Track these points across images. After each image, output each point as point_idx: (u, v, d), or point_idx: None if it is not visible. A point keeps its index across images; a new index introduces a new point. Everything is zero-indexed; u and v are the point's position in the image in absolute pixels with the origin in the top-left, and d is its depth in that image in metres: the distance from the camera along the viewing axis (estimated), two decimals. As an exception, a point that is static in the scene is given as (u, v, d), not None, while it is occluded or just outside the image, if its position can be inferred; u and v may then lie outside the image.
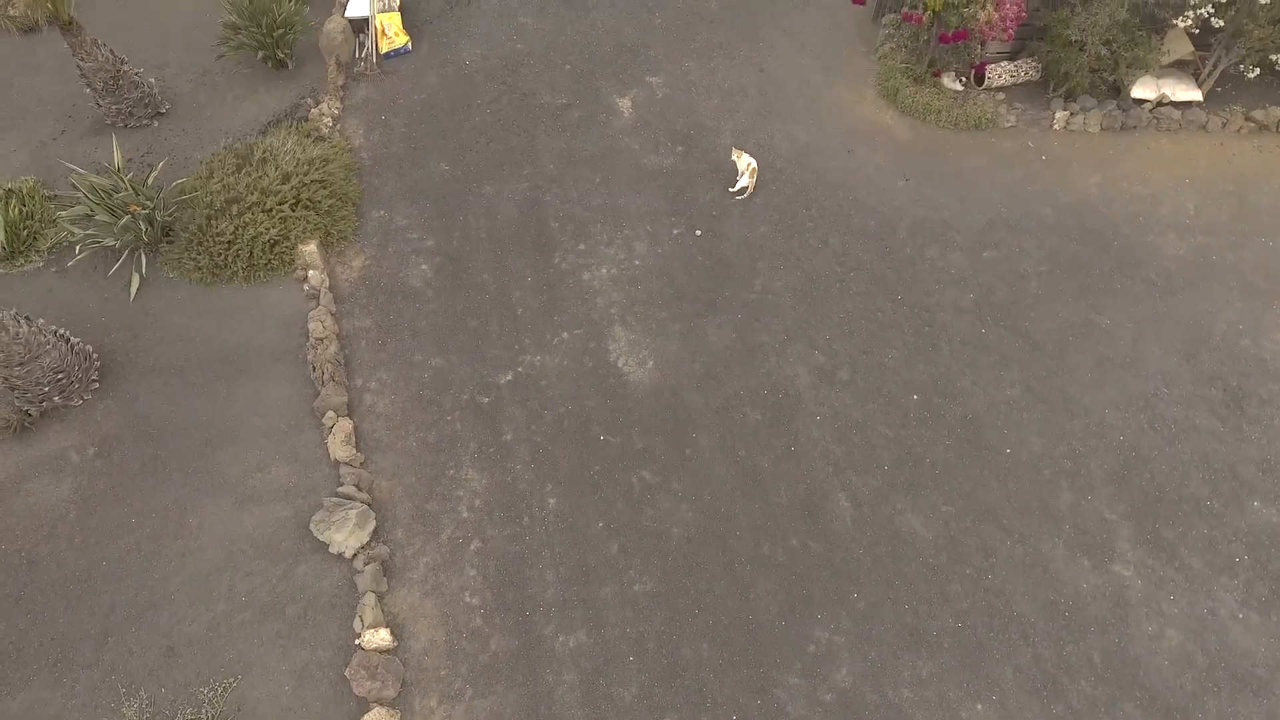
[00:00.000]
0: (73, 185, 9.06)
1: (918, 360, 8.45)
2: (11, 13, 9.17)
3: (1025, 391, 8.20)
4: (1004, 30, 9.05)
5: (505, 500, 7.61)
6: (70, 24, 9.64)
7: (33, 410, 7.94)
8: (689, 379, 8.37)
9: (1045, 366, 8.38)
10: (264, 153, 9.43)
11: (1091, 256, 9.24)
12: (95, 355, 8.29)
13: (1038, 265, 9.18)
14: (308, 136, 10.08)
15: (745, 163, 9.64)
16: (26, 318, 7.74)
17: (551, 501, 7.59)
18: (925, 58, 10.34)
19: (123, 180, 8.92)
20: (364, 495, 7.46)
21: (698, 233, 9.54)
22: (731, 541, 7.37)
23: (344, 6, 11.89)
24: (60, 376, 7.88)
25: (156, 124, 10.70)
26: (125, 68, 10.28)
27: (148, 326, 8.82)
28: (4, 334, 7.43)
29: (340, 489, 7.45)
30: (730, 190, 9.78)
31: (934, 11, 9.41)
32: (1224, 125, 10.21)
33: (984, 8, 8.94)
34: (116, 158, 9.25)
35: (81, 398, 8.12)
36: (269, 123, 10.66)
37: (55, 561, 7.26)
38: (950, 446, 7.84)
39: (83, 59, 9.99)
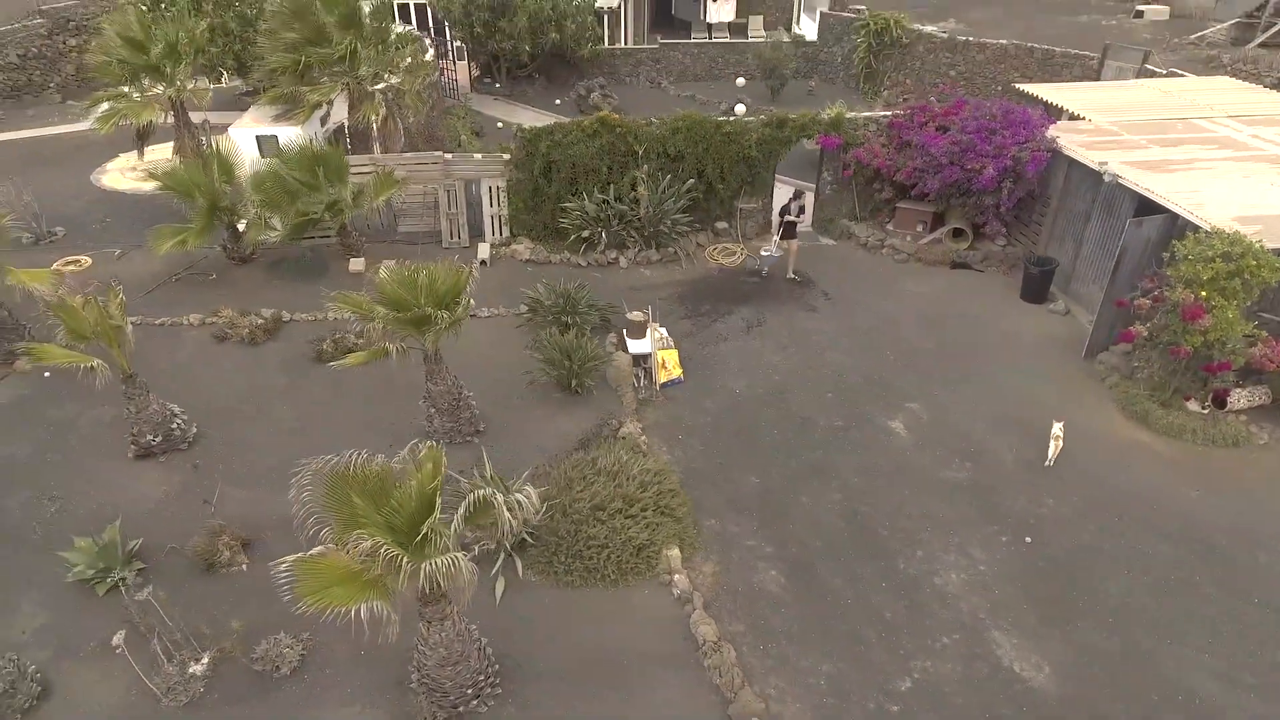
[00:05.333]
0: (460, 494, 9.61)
1: (1311, 663, 8.43)
2: (403, 344, 10.51)
3: None
4: (1275, 364, 10.46)
5: (969, 819, 7.07)
6: (436, 355, 10.97)
7: (441, 715, 7.63)
8: (1097, 687, 8.24)
9: None
10: (615, 464, 10.17)
11: None
12: (494, 658, 8.17)
13: (1368, 569, 9.55)
14: (634, 451, 10.91)
15: (1055, 429, 10.98)
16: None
17: (1021, 820, 7.06)
18: (1171, 384, 11.70)
19: (503, 487, 9.50)
20: (826, 812, 6.94)
21: (1028, 540, 9.99)
22: None
23: (620, 344, 13.54)
24: (480, 678, 7.71)
25: (476, 440, 11.58)
26: (465, 392, 11.45)
27: (520, 629, 8.78)
28: (450, 628, 7.45)
29: (799, 805, 6.96)
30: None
31: (1193, 348, 10.92)
32: None
33: (1254, 344, 10.43)
34: (488, 468, 9.94)
35: (486, 704, 7.85)
36: (581, 440, 11.57)
37: None
38: (1407, 754, 7.55)
39: (435, 384, 11.18)
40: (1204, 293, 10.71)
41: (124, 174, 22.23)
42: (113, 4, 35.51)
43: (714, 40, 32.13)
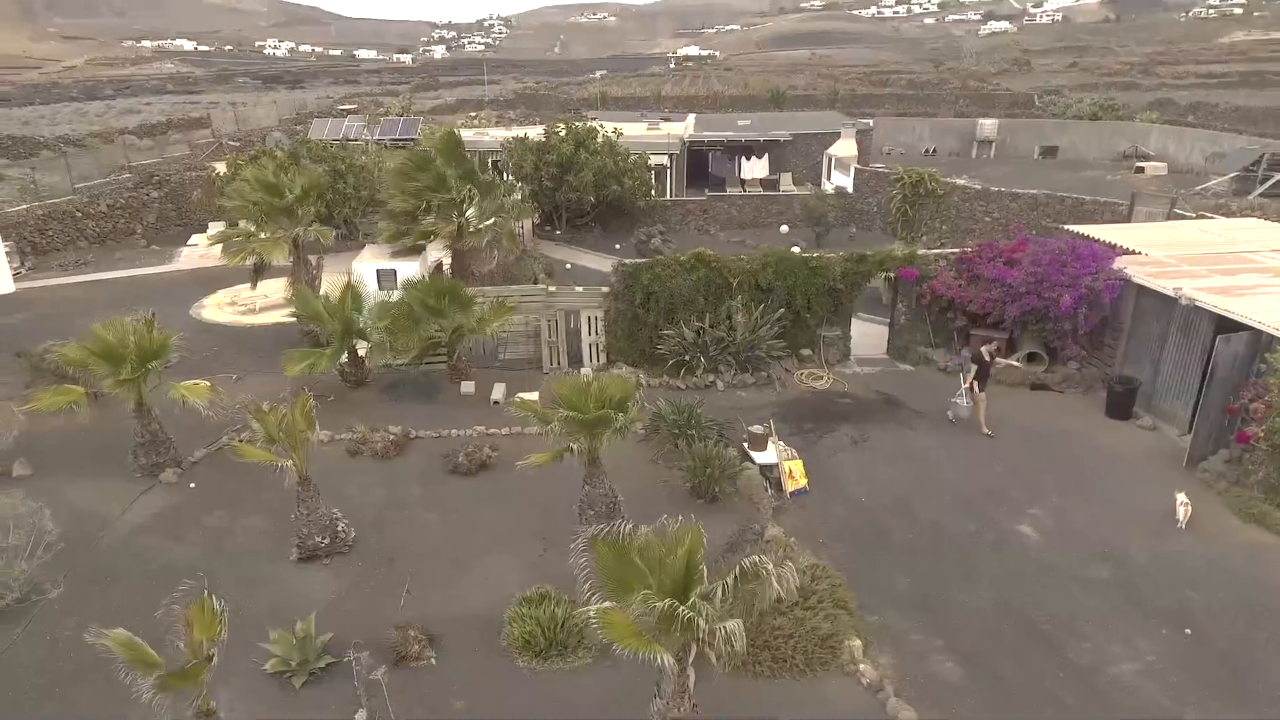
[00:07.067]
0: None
1: None
2: (572, 447, 11.19)
3: None
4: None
5: None
6: (596, 459, 11.62)
7: (673, 799, 7.72)
8: (1299, 765, 8.40)
9: None
10: (781, 560, 10.58)
11: None
12: (712, 742, 8.32)
13: None
14: (788, 550, 11.33)
15: (1180, 498, 12.22)
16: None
17: None
18: (1286, 486, 12.37)
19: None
20: None
21: (1187, 631, 10.32)
22: None
23: (741, 456, 14.19)
24: (711, 759, 7.86)
25: (629, 544, 11.99)
26: (619, 498, 12.00)
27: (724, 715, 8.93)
28: (687, 702, 7.70)
29: None
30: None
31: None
32: None
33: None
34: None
35: (713, 787, 7.94)
36: (728, 543, 11.97)
37: None
38: None
39: (593, 486, 11.77)
40: (1312, 397, 11.61)
41: (221, 308, 23.56)
42: (193, 161, 38.47)
43: (751, 193, 34.77)
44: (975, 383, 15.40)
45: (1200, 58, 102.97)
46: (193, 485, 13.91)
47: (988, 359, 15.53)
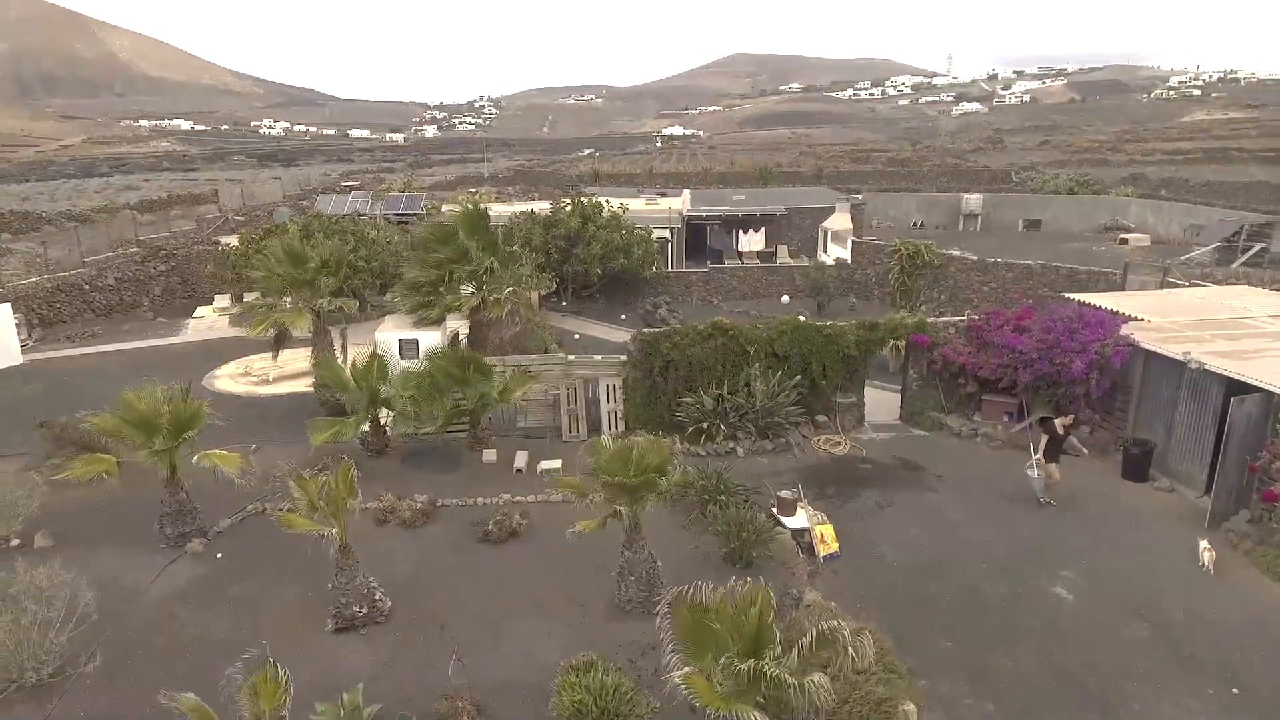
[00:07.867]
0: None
1: None
2: (618, 511, 11.24)
3: None
4: None
5: None
6: (637, 524, 11.67)
7: None
8: (1365, 825, 8.37)
9: None
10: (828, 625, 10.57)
11: None
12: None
13: None
14: (830, 615, 11.32)
15: (1203, 544, 12.70)
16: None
17: None
18: (1310, 546, 12.57)
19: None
20: None
21: (1235, 691, 10.35)
22: None
23: (774, 519, 14.26)
24: (782, 827, 7.74)
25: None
26: (658, 563, 12.00)
27: (780, 788, 8.80)
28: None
29: None
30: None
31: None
32: None
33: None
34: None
35: None
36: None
37: None
38: None
39: (633, 551, 11.78)
40: (1331, 455, 11.94)
41: (235, 379, 23.61)
42: (199, 235, 38.95)
43: (749, 265, 35.60)
44: (1044, 455, 15.36)
45: (1166, 136, 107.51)
46: (219, 555, 13.77)
47: (1061, 432, 15.53)
